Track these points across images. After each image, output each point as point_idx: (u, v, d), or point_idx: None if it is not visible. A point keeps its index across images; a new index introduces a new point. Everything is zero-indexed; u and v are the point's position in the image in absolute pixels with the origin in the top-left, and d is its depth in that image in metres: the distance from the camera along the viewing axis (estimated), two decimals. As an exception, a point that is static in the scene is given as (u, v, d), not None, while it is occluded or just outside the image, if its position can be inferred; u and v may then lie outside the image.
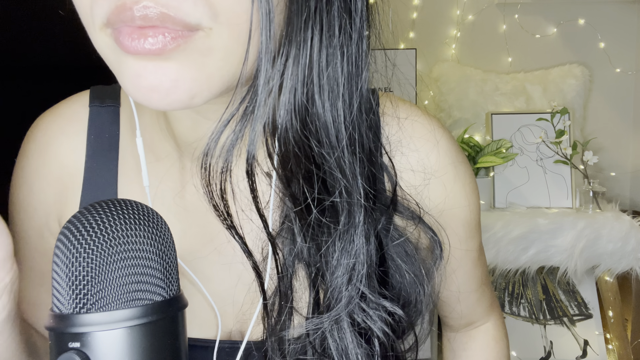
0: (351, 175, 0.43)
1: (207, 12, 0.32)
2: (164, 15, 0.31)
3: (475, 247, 0.58)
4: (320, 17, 0.38)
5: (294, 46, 0.37)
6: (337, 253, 0.44)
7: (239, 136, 0.38)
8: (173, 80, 0.33)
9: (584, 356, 1.64)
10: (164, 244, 0.34)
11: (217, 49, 0.34)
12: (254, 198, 0.41)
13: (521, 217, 1.51)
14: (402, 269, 0.49)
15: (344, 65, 0.40)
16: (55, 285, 0.32)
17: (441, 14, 1.96)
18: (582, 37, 1.93)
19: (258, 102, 0.36)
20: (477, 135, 1.79)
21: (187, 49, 0.33)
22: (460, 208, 0.53)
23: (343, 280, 0.44)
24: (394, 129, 0.51)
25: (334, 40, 0.39)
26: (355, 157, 0.43)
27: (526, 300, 1.71)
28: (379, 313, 0.46)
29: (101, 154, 0.52)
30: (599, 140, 1.92)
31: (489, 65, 1.95)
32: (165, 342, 0.33)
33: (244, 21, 0.34)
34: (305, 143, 0.41)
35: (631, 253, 1.45)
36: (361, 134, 0.44)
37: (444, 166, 0.52)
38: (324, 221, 0.43)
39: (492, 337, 0.64)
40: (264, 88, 0.36)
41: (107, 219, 0.32)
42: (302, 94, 0.39)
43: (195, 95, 0.34)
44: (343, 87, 0.41)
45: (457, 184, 0.53)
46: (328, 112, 0.41)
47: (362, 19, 0.41)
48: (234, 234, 0.43)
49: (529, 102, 1.82)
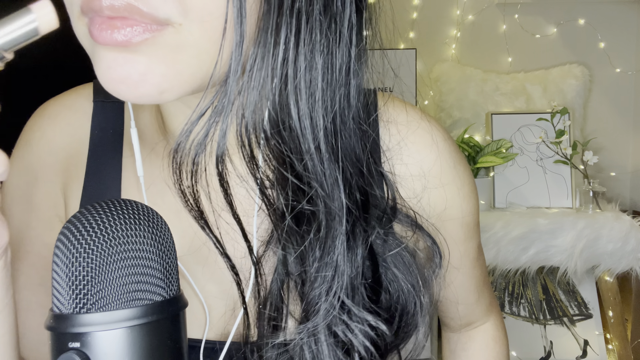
0: (330, 184, 0.41)
1: (176, 7, 0.32)
2: (131, 6, 0.31)
3: (474, 248, 0.57)
4: (297, 19, 0.37)
5: (264, 46, 0.36)
6: (317, 263, 0.43)
7: (208, 132, 0.37)
8: (141, 73, 0.33)
9: (584, 356, 1.64)
10: (164, 244, 0.34)
11: (187, 46, 0.34)
12: (227, 200, 0.41)
13: (521, 217, 1.51)
14: (399, 278, 0.48)
15: (325, 70, 0.39)
16: (55, 285, 0.32)
17: (441, 14, 1.96)
18: (582, 37, 1.93)
19: (228, 99, 0.36)
20: (477, 135, 1.79)
21: (156, 44, 0.33)
22: (460, 211, 0.53)
23: (321, 291, 0.43)
24: (395, 136, 0.50)
25: (316, 45, 0.38)
26: (337, 165, 0.42)
27: (526, 300, 1.71)
28: (362, 327, 0.45)
29: (105, 150, 0.52)
30: (599, 140, 1.92)
31: (489, 65, 1.95)
32: (165, 342, 0.33)
33: (216, 18, 0.33)
34: (278, 147, 0.40)
35: (631, 253, 1.45)
36: (346, 141, 0.43)
37: (445, 172, 0.51)
38: (301, 230, 0.42)
39: (492, 337, 0.64)
40: (233, 86, 0.36)
41: (107, 218, 0.32)
42: (274, 95, 0.38)
43: (165, 90, 0.34)
44: (323, 93, 0.40)
45: (457, 188, 0.52)
46: (304, 117, 0.39)
47: (351, 24, 0.40)
48: (210, 234, 0.42)
49: (529, 102, 1.82)
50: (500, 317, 0.67)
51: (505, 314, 1.70)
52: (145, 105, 0.51)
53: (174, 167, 0.39)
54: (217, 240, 0.43)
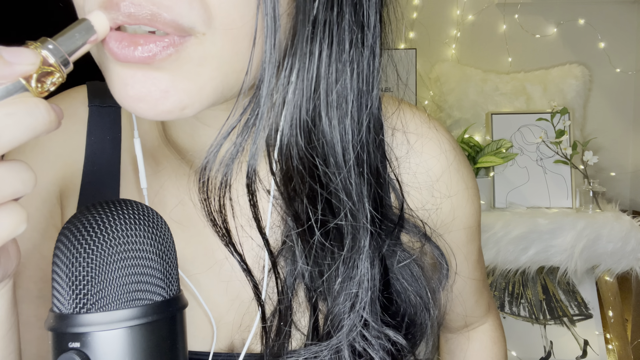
0: (357, 198, 0.41)
1: (202, 15, 0.31)
2: (153, 15, 0.30)
3: (475, 250, 0.57)
4: (329, 29, 0.36)
5: (300, 58, 0.35)
6: (340, 278, 0.42)
7: (239, 150, 0.36)
8: (163, 91, 0.32)
9: (584, 356, 1.64)
10: (164, 244, 0.34)
11: (210, 58, 0.32)
12: (254, 215, 0.40)
13: (521, 217, 1.51)
14: (408, 290, 0.47)
15: (354, 81, 0.39)
16: (56, 285, 0.32)
17: (441, 14, 1.96)
18: (582, 37, 1.93)
19: (260, 114, 0.35)
20: (477, 135, 1.79)
21: (179, 59, 0.32)
22: (465, 217, 0.53)
23: (345, 308, 0.42)
24: (403, 146, 0.49)
25: (343, 55, 0.37)
26: (363, 179, 0.41)
27: (526, 300, 1.71)
28: (382, 342, 0.44)
29: (102, 156, 0.51)
30: (599, 140, 1.92)
31: (489, 65, 1.95)
32: (165, 342, 0.33)
33: (239, 27, 0.32)
34: (310, 161, 0.39)
35: (631, 253, 1.45)
36: (369, 154, 0.42)
37: (453, 182, 0.51)
38: (327, 245, 0.41)
39: (490, 338, 0.64)
40: (266, 100, 0.35)
41: (107, 218, 0.32)
42: (307, 109, 0.37)
43: (186, 106, 0.33)
44: (352, 105, 0.39)
45: (464, 198, 0.52)
46: (335, 130, 0.38)
47: (375, 35, 0.39)
48: (233, 252, 0.41)
49: (529, 102, 1.82)
50: (499, 318, 0.67)
51: (505, 314, 1.70)
52: None
53: (200, 187, 0.38)
54: (241, 258, 0.42)
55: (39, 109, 0.27)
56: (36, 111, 0.27)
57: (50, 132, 0.28)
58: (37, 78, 0.28)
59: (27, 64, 0.27)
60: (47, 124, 0.28)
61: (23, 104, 0.27)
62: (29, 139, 0.27)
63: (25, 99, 0.27)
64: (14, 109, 0.26)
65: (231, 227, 0.41)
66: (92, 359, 0.30)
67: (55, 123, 0.28)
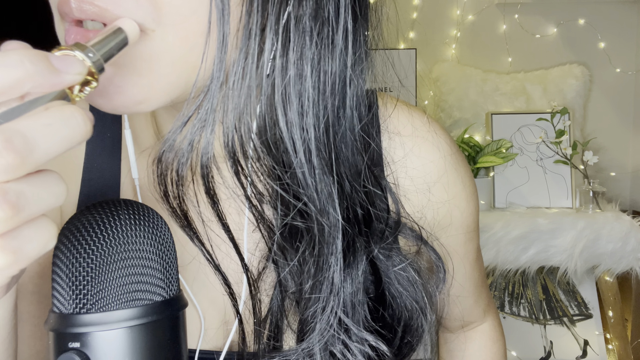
0: (324, 199, 0.40)
1: (150, 12, 0.31)
2: (102, 10, 0.31)
3: (474, 250, 0.57)
4: (285, 25, 0.35)
5: (247, 52, 0.35)
6: (310, 280, 0.41)
7: (192, 141, 0.36)
8: (117, 85, 0.33)
9: (584, 356, 1.64)
10: (164, 244, 0.34)
11: (161, 54, 0.33)
12: (214, 210, 0.40)
13: (521, 217, 1.51)
14: (403, 295, 0.46)
15: (317, 79, 0.38)
16: (56, 285, 0.32)
17: (441, 14, 1.96)
18: (582, 37, 1.93)
19: (210, 107, 0.35)
20: (477, 135, 1.79)
21: (128, 53, 0.32)
22: (462, 217, 0.52)
23: (316, 310, 0.41)
24: (399, 149, 0.48)
25: (306, 52, 0.37)
26: (332, 179, 0.40)
27: (526, 300, 1.71)
28: (361, 347, 0.43)
29: (102, 154, 0.51)
30: (599, 140, 1.92)
31: (489, 65, 1.95)
32: (165, 342, 0.33)
33: (191, 24, 0.32)
34: (267, 159, 0.39)
35: (631, 253, 1.45)
36: (343, 153, 0.41)
37: (451, 186, 0.50)
38: (294, 246, 0.41)
39: (489, 337, 0.64)
40: (216, 94, 0.35)
41: (107, 219, 0.32)
42: (261, 104, 0.37)
43: (141, 101, 0.34)
44: (313, 103, 0.38)
45: (464, 200, 0.52)
46: (294, 127, 0.38)
47: (347, 31, 0.38)
48: (197, 243, 0.41)
49: (529, 102, 1.82)
50: (498, 318, 0.67)
51: (505, 314, 1.70)
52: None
53: (158, 177, 0.38)
54: (206, 250, 0.42)
55: (76, 119, 0.25)
56: (73, 121, 0.25)
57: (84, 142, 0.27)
58: (79, 88, 0.27)
59: (75, 73, 0.26)
60: (83, 134, 0.26)
61: (60, 113, 0.25)
62: (65, 150, 0.25)
63: (62, 108, 0.25)
64: (51, 119, 0.24)
65: (198, 224, 0.41)
66: (92, 359, 0.30)
67: (90, 132, 0.27)
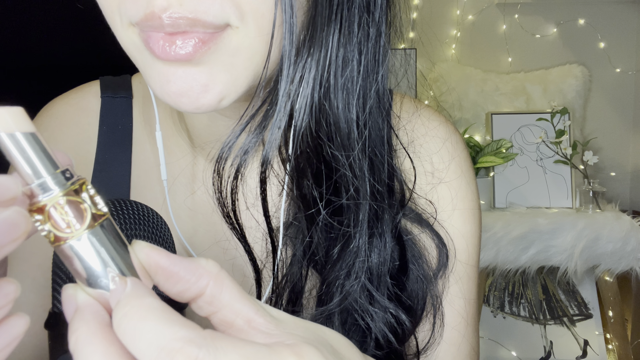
0: (360, 175, 0.42)
1: (234, 12, 0.33)
2: (193, 21, 0.32)
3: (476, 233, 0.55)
4: (341, 14, 0.37)
5: (317, 46, 0.37)
6: (337, 248, 0.43)
7: (259, 139, 0.37)
8: (203, 85, 0.34)
9: (584, 356, 1.64)
10: (164, 244, 0.34)
11: (244, 48, 0.34)
12: (263, 202, 0.41)
13: (521, 217, 1.51)
14: (410, 269, 0.48)
15: (361, 63, 0.40)
16: (56, 285, 0.32)
17: (441, 14, 1.96)
18: (582, 37, 1.93)
19: (279, 105, 0.36)
20: (477, 135, 1.79)
21: (216, 51, 0.33)
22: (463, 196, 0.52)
23: (340, 274, 0.43)
24: (408, 134, 0.50)
25: (353, 39, 0.39)
26: (364, 156, 0.42)
27: (526, 300, 1.71)
28: (383, 314, 0.45)
29: (113, 146, 0.52)
30: (599, 140, 1.92)
31: (489, 65, 1.95)
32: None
33: (268, 20, 0.34)
34: (317, 142, 0.40)
35: (631, 253, 1.45)
36: (372, 133, 0.43)
37: (456, 177, 0.51)
38: (331, 221, 0.43)
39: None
40: (285, 92, 0.36)
41: (107, 219, 0.32)
42: (320, 94, 0.38)
43: (224, 97, 0.35)
44: (358, 86, 0.40)
45: (459, 177, 0.52)
46: (341, 111, 0.40)
47: (381, 15, 0.41)
48: (239, 237, 0.42)
49: (529, 102, 1.82)
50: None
51: (505, 314, 1.70)
52: (159, 102, 0.51)
53: (214, 177, 0.39)
54: (248, 246, 0.43)
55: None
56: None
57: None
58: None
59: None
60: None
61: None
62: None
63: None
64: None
65: (240, 209, 0.42)
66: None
67: (21, 238, 0.21)
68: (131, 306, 0.21)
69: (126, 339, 0.20)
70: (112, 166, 0.51)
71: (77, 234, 0.22)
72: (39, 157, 0.21)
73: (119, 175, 0.51)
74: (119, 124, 0.52)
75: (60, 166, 0.22)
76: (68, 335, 0.21)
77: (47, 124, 0.53)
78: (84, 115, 0.53)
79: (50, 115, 0.53)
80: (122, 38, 0.36)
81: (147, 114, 0.52)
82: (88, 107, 0.53)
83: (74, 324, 0.21)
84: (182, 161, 0.50)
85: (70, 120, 0.52)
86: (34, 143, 0.21)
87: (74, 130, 0.52)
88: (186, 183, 0.50)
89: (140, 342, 0.20)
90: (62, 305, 0.22)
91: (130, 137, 0.52)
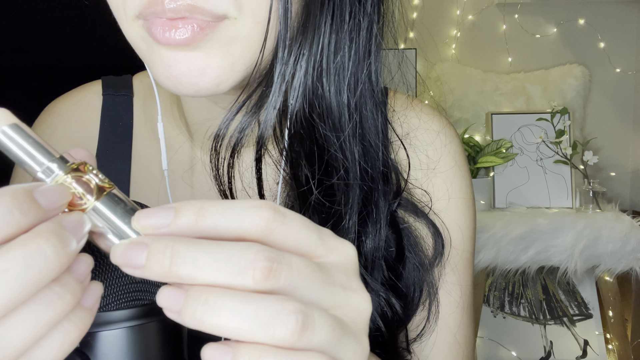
0: (351, 157, 0.44)
1: (232, 3, 0.34)
2: (192, 7, 0.34)
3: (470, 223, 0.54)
4: (333, 2, 0.39)
5: (310, 31, 0.38)
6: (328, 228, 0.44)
7: (254, 119, 0.39)
8: (200, 68, 0.35)
9: (584, 356, 1.64)
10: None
11: (241, 38, 0.36)
12: (258, 181, 0.42)
13: (521, 217, 1.51)
14: (406, 257, 0.48)
15: (352, 50, 0.42)
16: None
17: (441, 14, 1.96)
18: (582, 37, 1.93)
19: (274, 86, 0.38)
20: (477, 135, 1.79)
21: (213, 38, 0.35)
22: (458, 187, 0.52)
23: None
24: (403, 126, 0.51)
25: (344, 26, 0.41)
26: (355, 140, 0.44)
27: (526, 300, 1.71)
28: (379, 301, 0.45)
29: (114, 142, 0.53)
30: (599, 140, 1.92)
31: (489, 65, 1.95)
32: (165, 342, 0.33)
33: (265, 11, 0.36)
34: (310, 123, 0.42)
35: (631, 253, 1.45)
36: (365, 121, 0.45)
37: (450, 167, 0.52)
38: (322, 200, 0.44)
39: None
40: (280, 74, 0.38)
41: (107, 219, 0.33)
42: (313, 78, 0.40)
43: (221, 82, 0.36)
44: (349, 72, 0.42)
45: (453, 168, 0.52)
46: (333, 95, 0.42)
47: (373, 6, 0.43)
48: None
49: (529, 102, 1.82)
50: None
51: (505, 314, 1.71)
52: (160, 97, 0.52)
53: (214, 151, 0.41)
54: None
55: (44, 255, 0.20)
56: (39, 259, 0.20)
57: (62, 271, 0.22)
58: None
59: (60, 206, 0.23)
60: (55, 269, 0.21)
61: (21, 252, 0.20)
62: (30, 295, 0.20)
63: (25, 242, 0.20)
64: (9, 263, 0.19)
65: (237, 189, 0.44)
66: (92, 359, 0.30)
67: (68, 260, 0.21)
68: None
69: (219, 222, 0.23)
70: (113, 160, 0.52)
71: (90, 204, 0.24)
72: (36, 149, 0.24)
73: (119, 171, 0.52)
74: (120, 121, 0.54)
75: (56, 154, 0.24)
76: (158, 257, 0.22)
77: (50, 121, 0.54)
78: (86, 112, 0.54)
79: (53, 113, 0.55)
80: (128, 31, 0.37)
81: (147, 111, 0.54)
82: (90, 104, 0.54)
83: (161, 243, 0.22)
84: (182, 154, 0.51)
85: (72, 117, 0.54)
86: (28, 137, 0.24)
87: (77, 127, 0.53)
88: (185, 176, 0.52)
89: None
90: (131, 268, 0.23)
91: (131, 133, 0.53)
